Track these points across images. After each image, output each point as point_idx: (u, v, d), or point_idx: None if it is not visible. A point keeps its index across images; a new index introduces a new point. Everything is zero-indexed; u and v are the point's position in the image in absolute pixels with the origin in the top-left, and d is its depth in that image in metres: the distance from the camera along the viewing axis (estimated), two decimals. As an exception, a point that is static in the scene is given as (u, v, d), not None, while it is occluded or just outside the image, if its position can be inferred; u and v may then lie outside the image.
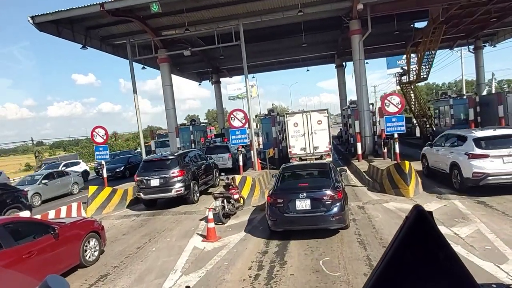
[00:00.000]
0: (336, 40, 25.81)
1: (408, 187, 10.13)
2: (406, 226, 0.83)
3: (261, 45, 25.58)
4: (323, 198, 7.04)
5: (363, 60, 17.38)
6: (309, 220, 7.09)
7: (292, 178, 8.28)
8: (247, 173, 14.34)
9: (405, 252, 0.82)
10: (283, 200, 7.19)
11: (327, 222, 7.08)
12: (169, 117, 19.00)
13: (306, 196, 7.06)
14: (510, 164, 8.73)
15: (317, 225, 7.16)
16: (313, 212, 7.00)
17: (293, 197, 7.12)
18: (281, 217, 7.21)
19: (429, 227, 0.83)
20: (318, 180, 7.96)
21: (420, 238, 0.82)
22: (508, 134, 9.28)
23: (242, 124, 12.32)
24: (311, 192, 7.15)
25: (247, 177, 11.56)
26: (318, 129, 15.88)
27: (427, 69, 25.04)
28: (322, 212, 6.98)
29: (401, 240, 0.83)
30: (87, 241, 7.55)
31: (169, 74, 19.09)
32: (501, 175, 8.76)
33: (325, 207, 6.98)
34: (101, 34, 18.34)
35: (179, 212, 11.26)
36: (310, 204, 7.02)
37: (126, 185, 14.84)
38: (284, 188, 7.66)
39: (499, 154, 8.82)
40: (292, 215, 7.12)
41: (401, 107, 11.19)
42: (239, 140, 12.44)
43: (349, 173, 15.68)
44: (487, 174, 8.81)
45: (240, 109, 12.48)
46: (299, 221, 7.19)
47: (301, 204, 7.05)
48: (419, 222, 0.83)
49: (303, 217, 7.08)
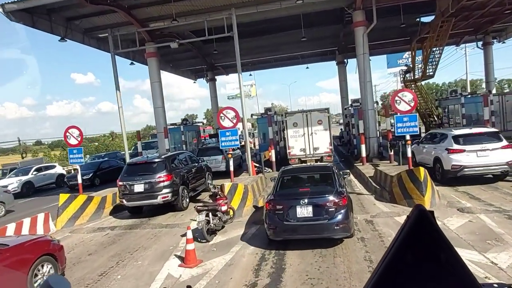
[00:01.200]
0: (337, 35, 24.41)
1: (424, 198, 8.75)
2: (407, 226, 0.83)
3: (258, 41, 24.18)
4: (326, 204, 6.49)
5: (368, 55, 15.99)
6: (311, 229, 6.51)
7: (292, 183, 7.70)
8: (240, 178, 12.94)
9: (406, 253, 0.82)
10: (282, 207, 6.62)
11: (330, 231, 6.47)
12: (157, 117, 17.59)
13: (307, 203, 6.48)
14: (483, 157, 10.15)
15: (320, 234, 6.54)
16: (315, 220, 6.44)
17: (293, 204, 6.55)
18: (280, 225, 6.61)
19: (431, 227, 0.83)
20: (320, 185, 7.45)
21: (422, 238, 0.82)
22: (482, 132, 10.77)
23: (233, 124, 10.90)
24: (313, 198, 6.57)
25: (238, 185, 10.15)
26: (318, 129, 15.17)
27: (433, 66, 23.68)
28: (325, 220, 6.41)
29: (402, 240, 0.83)
30: (40, 266, 6.17)
31: (158, 70, 17.67)
32: (475, 167, 10.23)
33: (328, 215, 6.42)
34: (83, 26, 16.91)
35: (160, 224, 9.85)
36: (312, 211, 6.46)
37: (105, 191, 13.41)
38: (284, 194, 7.09)
39: (474, 149, 10.20)
40: (293, 223, 6.51)
41: (414, 105, 9.79)
42: (230, 142, 11.02)
43: (353, 178, 14.30)
44: (464, 166, 10.23)
45: (230, 107, 11.06)
46: (300, 230, 6.58)
47: (302, 211, 6.49)
48: (421, 222, 0.82)
49: (305, 226, 6.49)
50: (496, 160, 10.04)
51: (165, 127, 16.75)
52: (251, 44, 24.97)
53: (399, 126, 9.86)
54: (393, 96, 10.01)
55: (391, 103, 10.07)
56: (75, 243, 8.98)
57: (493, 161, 10.07)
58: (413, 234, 0.82)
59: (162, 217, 10.74)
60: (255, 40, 23.99)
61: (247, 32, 23.02)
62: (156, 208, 11.12)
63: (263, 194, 11.58)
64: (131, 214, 11.24)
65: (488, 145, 10.19)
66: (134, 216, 11.16)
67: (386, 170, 11.45)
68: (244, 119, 13.58)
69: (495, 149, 10.12)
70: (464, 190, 10.11)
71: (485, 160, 10.10)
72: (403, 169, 11.35)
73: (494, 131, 10.93)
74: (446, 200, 9.25)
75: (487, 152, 10.11)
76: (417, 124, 9.78)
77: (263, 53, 27.29)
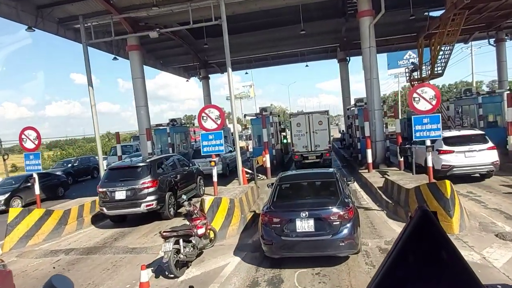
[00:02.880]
0: (339, 30, 22.67)
1: (451, 219, 6.96)
2: (410, 226, 0.84)
3: (254, 36, 22.48)
4: (330, 217, 5.70)
5: (374, 48, 14.22)
6: (312, 245, 5.74)
7: (291, 191, 6.88)
8: (227, 188, 11.15)
9: (409, 253, 0.82)
10: (280, 220, 5.84)
11: (335, 248, 5.68)
12: (140, 117, 15.80)
13: (308, 215, 5.69)
14: (470, 158, 10.80)
15: (323, 251, 5.76)
16: (318, 235, 5.66)
17: (292, 216, 5.76)
18: (277, 241, 5.78)
19: (433, 228, 0.83)
20: (323, 194, 6.63)
21: (424, 239, 0.82)
22: (469, 135, 11.45)
23: (217, 125, 9.12)
24: (315, 210, 5.81)
25: (222, 199, 8.37)
26: (319, 129, 16.51)
27: (442, 64, 21.93)
28: (329, 235, 5.61)
29: (405, 240, 0.83)
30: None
31: (140, 64, 15.90)
32: (463, 167, 10.89)
33: (332, 229, 5.63)
34: (56, 15, 15.13)
35: (126, 248, 8.05)
36: (314, 225, 5.68)
37: (73, 202, 11.60)
38: (282, 205, 6.25)
39: (462, 150, 10.84)
40: (292, 238, 5.74)
41: (437, 103, 8.02)
42: (213, 147, 9.23)
43: (357, 187, 12.55)
44: (453, 166, 10.85)
45: (214, 106, 9.24)
46: (300, 246, 5.81)
47: (302, 225, 5.70)
48: (423, 222, 0.83)
49: (305, 242, 5.72)
50: (482, 160, 10.77)
51: (147, 128, 14.97)
52: (247, 40, 23.27)
53: (418, 129, 8.09)
54: (411, 92, 8.24)
55: (408, 102, 8.31)
56: (16, 272, 7.17)
57: (480, 161, 10.79)
58: (416, 235, 0.82)
59: (132, 237, 8.97)
60: (251, 35, 22.31)
61: (243, 27, 21.33)
62: (141, 217, 10.07)
63: (253, 209, 9.80)
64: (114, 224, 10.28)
65: (475, 146, 10.85)
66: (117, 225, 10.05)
67: (399, 181, 9.68)
68: (234, 120, 11.80)
69: (482, 150, 10.82)
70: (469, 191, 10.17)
71: (472, 161, 10.78)
72: (418, 180, 9.63)
73: (480, 134, 11.54)
74: (477, 221, 7.49)
75: (474, 153, 10.79)
76: (440, 127, 8.01)
77: (260, 49, 25.56)
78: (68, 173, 20.73)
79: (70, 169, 21.83)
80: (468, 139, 11.14)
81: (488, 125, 15.54)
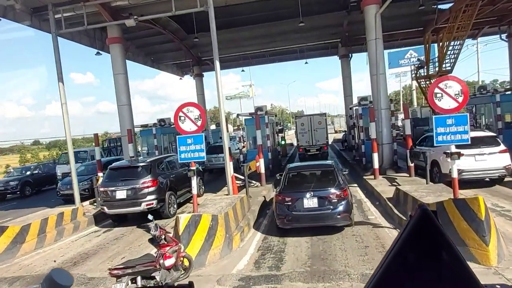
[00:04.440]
0: (340, 24, 21.18)
1: (488, 248, 5.49)
2: (409, 225, 0.82)
3: (251, 30, 21.00)
4: (330, 196, 7.27)
5: (381, 40, 12.73)
6: (316, 218, 7.27)
7: (298, 178, 8.29)
8: (213, 199, 9.64)
9: (408, 252, 0.81)
10: (291, 199, 7.35)
11: (333, 220, 7.27)
12: (121, 117, 14.29)
13: (313, 195, 7.24)
14: (480, 162, 10.08)
15: (324, 222, 7.29)
16: (320, 210, 7.20)
17: (300, 196, 7.29)
18: (289, 215, 7.36)
19: (433, 227, 0.80)
20: (323, 179, 7.98)
21: (424, 238, 0.80)
22: (480, 137, 10.54)
23: (197, 127, 7.63)
24: (318, 190, 7.32)
25: (202, 217, 6.88)
26: (318, 128, 20.37)
27: (451, 60, 20.45)
28: (329, 210, 7.19)
29: (404, 239, 0.81)
30: None
31: (122, 59, 14.40)
32: (473, 171, 10.15)
33: (331, 205, 7.20)
34: (29, 4, 13.65)
35: (83, 278, 6.52)
36: (317, 202, 7.21)
37: (37, 215, 10.09)
38: (292, 187, 7.75)
39: (472, 153, 9.90)
40: (300, 213, 7.29)
41: (464, 100, 6.56)
42: (191, 153, 7.70)
43: (362, 196, 11.10)
44: (462, 170, 9.72)
45: (193, 103, 7.64)
46: (307, 219, 7.35)
47: (308, 203, 7.24)
48: (423, 222, 0.81)
49: (311, 215, 7.27)
50: (493, 164, 10.15)
51: (129, 129, 13.47)
52: (242, 35, 21.81)
53: (440, 132, 6.64)
54: (432, 87, 6.76)
55: (429, 99, 6.84)
56: None
57: (491, 166, 10.16)
58: (415, 233, 0.81)
59: (95, 261, 7.51)
60: (247, 29, 20.85)
61: (238, 21, 19.90)
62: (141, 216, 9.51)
63: (241, 226, 8.31)
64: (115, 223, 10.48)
65: (485, 149, 10.22)
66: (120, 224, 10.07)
67: (414, 192, 8.19)
68: (221, 119, 10.29)
69: (493, 153, 10.17)
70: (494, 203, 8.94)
71: (483, 165, 10.12)
72: (437, 192, 8.19)
73: (492, 136, 10.91)
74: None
75: (485, 156, 10.12)
76: (468, 129, 6.54)
77: (256, 45, 24.05)
78: (25, 182, 18.71)
79: (28, 177, 19.43)
80: (478, 141, 10.22)
81: (506, 126, 14.05)
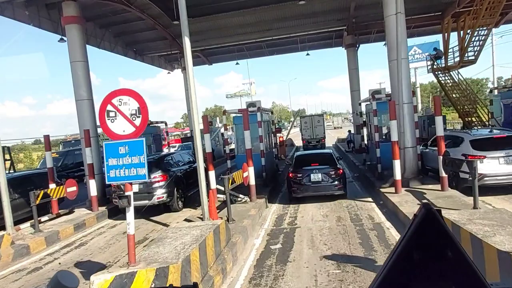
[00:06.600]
0: (346, 8, 18.46)
1: None
2: (414, 224, 0.81)
3: (244, 15, 18.36)
4: (330, 173, 10.12)
5: (403, 15, 9.99)
6: (320, 188, 10.15)
7: (304, 161, 10.90)
8: (177, 228, 6.90)
9: (413, 251, 0.80)
10: (301, 175, 10.17)
11: (332, 190, 10.15)
12: (80, 114, 11.60)
13: (318, 171, 10.10)
14: (506, 165, 9.10)
15: (326, 191, 10.17)
16: (323, 182, 10.10)
17: (308, 172, 10.12)
18: (300, 186, 10.19)
19: (438, 226, 0.81)
20: (325, 162, 10.60)
21: (428, 237, 0.80)
22: (504, 137, 9.68)
23: (135, 128, 4.82)
24: (322, 168, 10.20)
25: (136, 276, 4.18)
26: (318, 125, 26.69)
27: (476, 48, 17.70)
28: (329, 182, 10.11)
29: (409, 238, 0.81)
30: None
31: (81, 43, 11.66)
32: (497, 176, 9.12)
33: (331, 179, 10.11)
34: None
35: None
36: (321, 177, 10.06)
37: None
38: (301, 166, 10.51)
39: (496, 156, 9.15)
40: (308, 184, 10.13)
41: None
42: (126, 170, 4.80)
43: (381, 216, 8.39)
44: (484, 175, 8.89)
45: (129, 90, 4.75)
46: (313, 189, 10.18)
47: (314, 177, 10.08)
48: (428, 220, 0.80)
49: (316, 186, 10.12)
50: None
51: (86, 130, 10.78)
52: (235, 21, 19.12)
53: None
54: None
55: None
56: None
57: None
58: (420, 232, 0.80)
59: None
60: (240, 14, 18.16)
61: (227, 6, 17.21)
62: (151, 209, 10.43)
63: (211, 275, 5.56)
64: None
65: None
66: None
67: (468, 225, 5.45)
68: (193, 118, 7.57)
69: None
70: None
71: (508, 169, 9.02)
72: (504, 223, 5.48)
73: None
74: None
75: (511, 158, 9.13)
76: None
77: (251, 33, 21.25)
78: None
79: None
80: (502, 141, 9.37)
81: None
